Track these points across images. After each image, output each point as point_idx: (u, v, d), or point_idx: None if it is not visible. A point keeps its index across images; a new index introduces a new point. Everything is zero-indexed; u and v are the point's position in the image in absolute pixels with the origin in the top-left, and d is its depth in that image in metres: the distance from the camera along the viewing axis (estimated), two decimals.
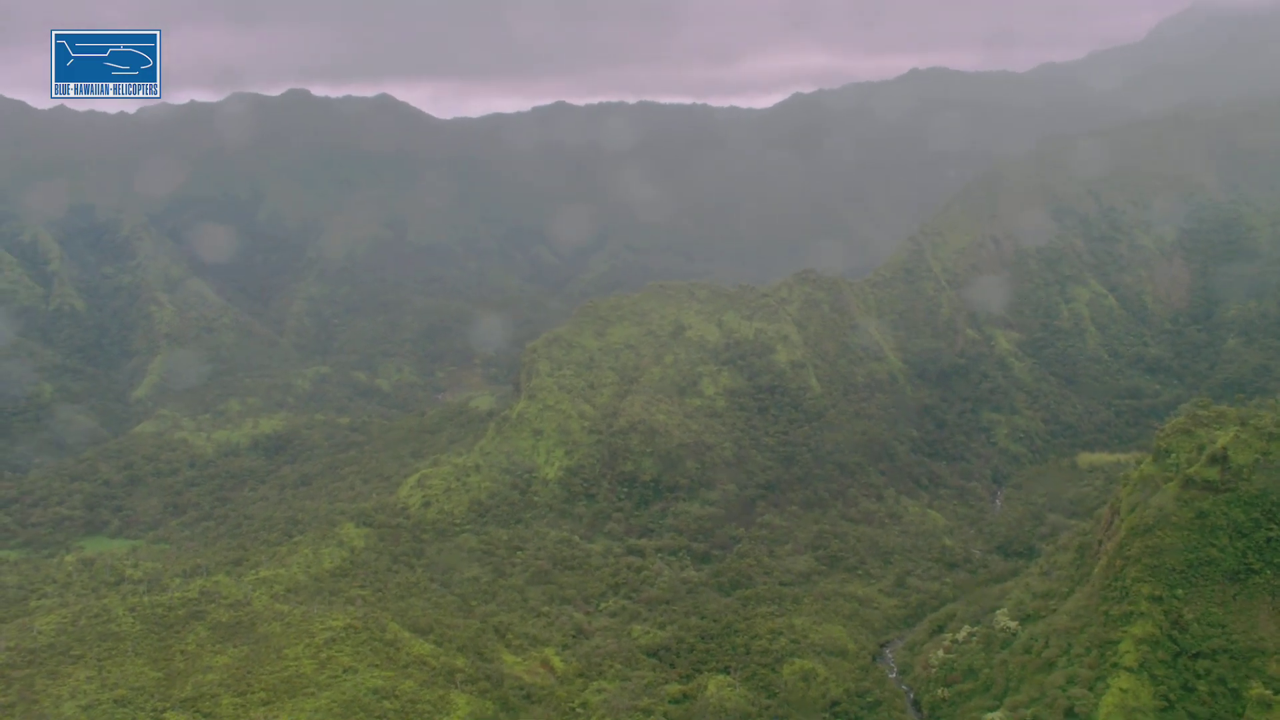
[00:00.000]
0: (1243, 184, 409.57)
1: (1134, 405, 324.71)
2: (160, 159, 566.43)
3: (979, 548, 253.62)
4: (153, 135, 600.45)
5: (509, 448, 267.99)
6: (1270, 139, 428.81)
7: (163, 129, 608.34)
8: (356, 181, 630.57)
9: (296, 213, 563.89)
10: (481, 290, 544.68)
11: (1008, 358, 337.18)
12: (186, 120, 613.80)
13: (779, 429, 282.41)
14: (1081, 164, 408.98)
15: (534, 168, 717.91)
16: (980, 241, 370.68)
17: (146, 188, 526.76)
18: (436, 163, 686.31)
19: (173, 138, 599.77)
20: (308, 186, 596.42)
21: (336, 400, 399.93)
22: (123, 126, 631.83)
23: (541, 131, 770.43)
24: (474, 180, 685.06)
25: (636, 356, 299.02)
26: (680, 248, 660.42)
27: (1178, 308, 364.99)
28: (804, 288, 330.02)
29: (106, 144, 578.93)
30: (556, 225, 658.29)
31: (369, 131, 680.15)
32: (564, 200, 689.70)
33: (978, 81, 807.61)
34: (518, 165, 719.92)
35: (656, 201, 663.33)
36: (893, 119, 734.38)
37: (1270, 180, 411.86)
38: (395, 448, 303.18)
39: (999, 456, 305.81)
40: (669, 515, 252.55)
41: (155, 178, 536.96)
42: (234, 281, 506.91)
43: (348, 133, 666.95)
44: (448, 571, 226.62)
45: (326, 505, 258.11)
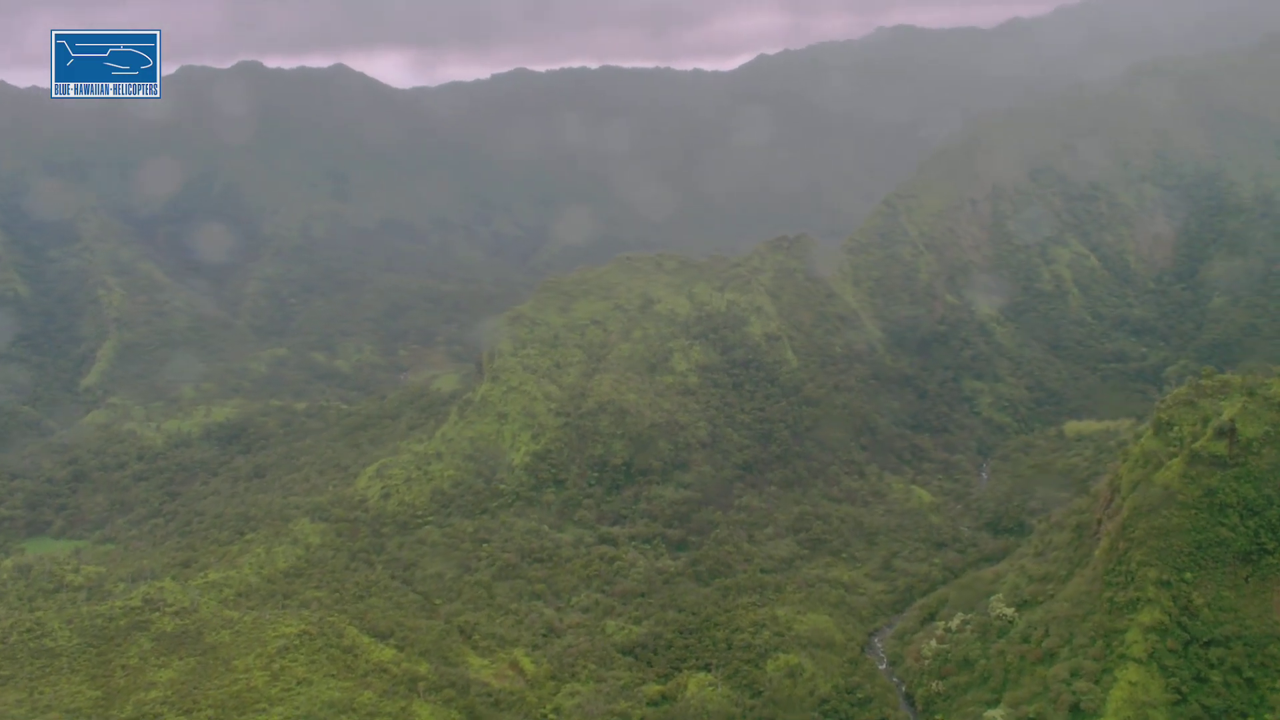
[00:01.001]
0: (1223, 137, 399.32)
1: (1120, 369, 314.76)
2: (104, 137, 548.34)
3: (967, 525, 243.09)
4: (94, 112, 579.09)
5: (472, 433, 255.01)
6: (1249, 90, 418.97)
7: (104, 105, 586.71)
8: (313, 155, 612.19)
9: (251, 189, 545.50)
10: (445, 265, 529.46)
11: (989, 323, 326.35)
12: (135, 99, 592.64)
13: (755, 405, 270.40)
14: (1057, 121, 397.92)
15: (496, 137, 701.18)
16: (957, 203, 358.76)
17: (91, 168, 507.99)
18: (396, 135, 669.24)
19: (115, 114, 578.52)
20: (262, 162, 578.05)
21: (294, 384, 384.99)
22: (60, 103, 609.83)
23: (502, 100, 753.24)
24: (434, 152, 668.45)
25: (604, 333, 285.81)
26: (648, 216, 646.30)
27: (1161, 266, 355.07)
28: (777, 256, 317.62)
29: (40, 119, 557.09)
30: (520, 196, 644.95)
31: (324, 104, 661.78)
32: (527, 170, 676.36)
33: (945, 39, 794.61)
34: (479, 135, 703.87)
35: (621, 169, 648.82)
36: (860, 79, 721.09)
37: (1250, 133, 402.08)
38: (353, 435, 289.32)
39: (983, 427, 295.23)
40: (642, 500, 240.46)
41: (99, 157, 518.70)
42: (187, 262, 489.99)
43: (302, 105, 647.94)
44: (409, 568, 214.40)
45: (281, 499, 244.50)
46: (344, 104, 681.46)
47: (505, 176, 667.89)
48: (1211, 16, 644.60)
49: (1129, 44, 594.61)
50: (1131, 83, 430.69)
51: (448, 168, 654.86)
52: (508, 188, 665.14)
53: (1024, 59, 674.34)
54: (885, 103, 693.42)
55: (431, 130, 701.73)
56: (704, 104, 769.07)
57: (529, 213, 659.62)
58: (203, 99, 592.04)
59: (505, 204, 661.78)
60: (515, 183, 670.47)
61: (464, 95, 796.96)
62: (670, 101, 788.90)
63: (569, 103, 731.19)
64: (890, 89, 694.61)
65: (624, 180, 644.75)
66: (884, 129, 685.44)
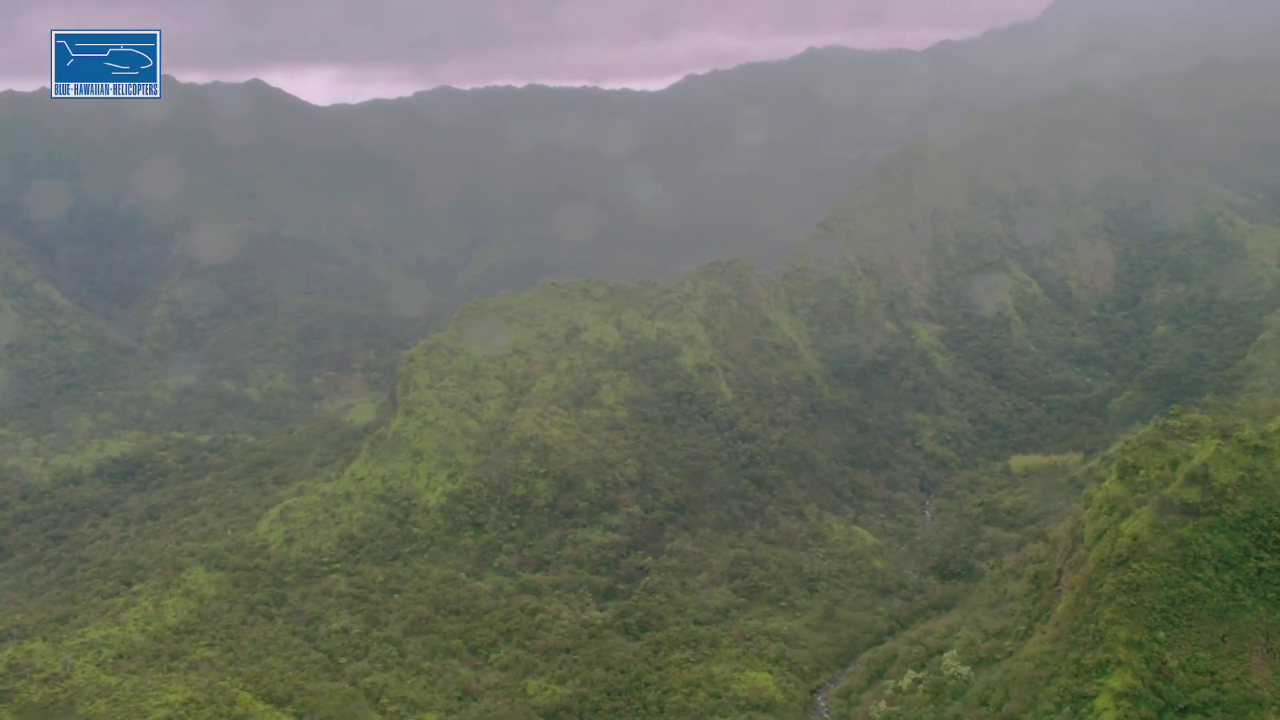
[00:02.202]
0: (1162, 162, 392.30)
1: (1065, 400, 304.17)
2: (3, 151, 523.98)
3: (912, 569, 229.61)
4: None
5: (384, 471, 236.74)
6: (1185, 114, 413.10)
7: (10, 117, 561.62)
8: (226, 174, 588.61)
9: (160, 207, 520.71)
10: (363, 287, 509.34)
11: (930, 352, 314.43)
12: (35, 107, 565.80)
13: (687, 441, 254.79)
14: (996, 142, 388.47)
15: (418, 157, 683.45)
16: (896, 228, 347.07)
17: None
18: (315, 153, 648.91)
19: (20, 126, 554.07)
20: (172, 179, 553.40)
21: (201, 413, 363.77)
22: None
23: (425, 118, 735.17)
24: (355, 171, 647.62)
25: (527, 363, 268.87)
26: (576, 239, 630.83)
27: (1103, 294, 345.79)
28: (710, 282, 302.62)
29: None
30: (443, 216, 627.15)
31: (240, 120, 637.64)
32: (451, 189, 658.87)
33: (877, 60, 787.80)
34: (401, 154, 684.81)
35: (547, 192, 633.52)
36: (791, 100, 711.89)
37: (1188, 157, 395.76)
38: (257, 472, 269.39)
39: (925, 462, 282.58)
40: (567, 545, 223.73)
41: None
42: (90, 284, 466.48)
43: (217, 122, 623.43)
44: (313, 622, 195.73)
45: (174, 545, 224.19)
46: (260, 120, 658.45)
47: (428, 196, 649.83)
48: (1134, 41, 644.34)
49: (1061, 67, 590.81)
50: (1069, 106, 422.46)
51: (368, 187, 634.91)
52: (431, 207, 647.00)
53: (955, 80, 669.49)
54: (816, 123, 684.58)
55: (352, 149, 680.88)
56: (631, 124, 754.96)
57: (453, 233, 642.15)
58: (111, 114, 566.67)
59: (428, 224, 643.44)
60: (439, 202, 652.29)
61: (387, 113, 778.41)
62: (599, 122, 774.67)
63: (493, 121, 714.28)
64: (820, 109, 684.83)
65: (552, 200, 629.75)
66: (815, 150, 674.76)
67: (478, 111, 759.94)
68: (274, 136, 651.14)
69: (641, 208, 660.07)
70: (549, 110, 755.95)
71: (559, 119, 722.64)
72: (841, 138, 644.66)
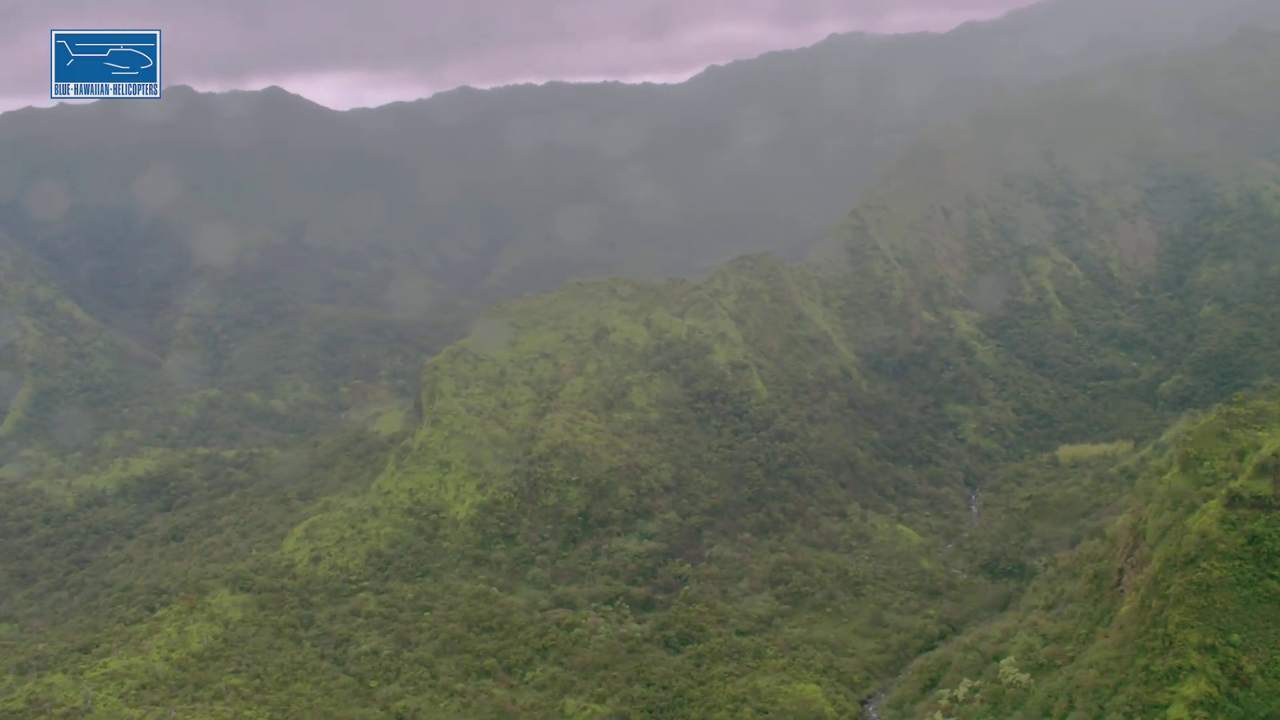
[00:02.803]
0: (1202, 136, 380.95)
1: (1111, 386, 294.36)
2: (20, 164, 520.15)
3: (961, 567, 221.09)
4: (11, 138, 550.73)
5: (411, 484, 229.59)
6: (1225, 86, 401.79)
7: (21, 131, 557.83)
8: (247, 183, 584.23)
9: (181, 219, 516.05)
10: (387, 293, 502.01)
11: (969, 341, 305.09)
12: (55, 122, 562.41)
13: (723, 442, 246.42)
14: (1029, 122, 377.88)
15: (440, 159, 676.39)
16: (929, 214, 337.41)
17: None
18: (334, 159, 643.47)
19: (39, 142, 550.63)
20: (192, 190, 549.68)
21: (226, 427, 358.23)
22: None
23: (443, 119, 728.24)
24: (375, 175, 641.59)
25: (554, 367, 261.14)
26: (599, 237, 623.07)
27: (1146, 274, 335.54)
28: (740, 276, 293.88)
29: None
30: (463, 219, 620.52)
31: (259, 129, 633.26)
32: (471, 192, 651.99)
33: (899, 44, 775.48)
34: (422, 157, 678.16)
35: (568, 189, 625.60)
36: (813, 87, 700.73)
37: (1229, 130, 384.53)
38: (282, 488, 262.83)
39: (969, 455, 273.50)
40: (602, 555, 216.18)
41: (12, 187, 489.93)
42: (112, 299, 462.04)
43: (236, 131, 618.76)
44: (341, 644, 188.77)
45: (198, 567, 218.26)
46: (278, 128, 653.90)
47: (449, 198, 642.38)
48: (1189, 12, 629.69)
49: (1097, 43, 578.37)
50: (1103, 81, 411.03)
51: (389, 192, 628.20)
52: (451, 210, 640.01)
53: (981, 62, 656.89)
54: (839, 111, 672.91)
55: (371, 153, 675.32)
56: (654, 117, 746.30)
57: (476, 235, 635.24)
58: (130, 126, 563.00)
59: (451, 227, 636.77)
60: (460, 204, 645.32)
61: (405, 116, 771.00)
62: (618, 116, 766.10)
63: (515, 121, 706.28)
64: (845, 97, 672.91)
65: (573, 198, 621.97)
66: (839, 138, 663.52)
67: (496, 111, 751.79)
68: (292, 144, 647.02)
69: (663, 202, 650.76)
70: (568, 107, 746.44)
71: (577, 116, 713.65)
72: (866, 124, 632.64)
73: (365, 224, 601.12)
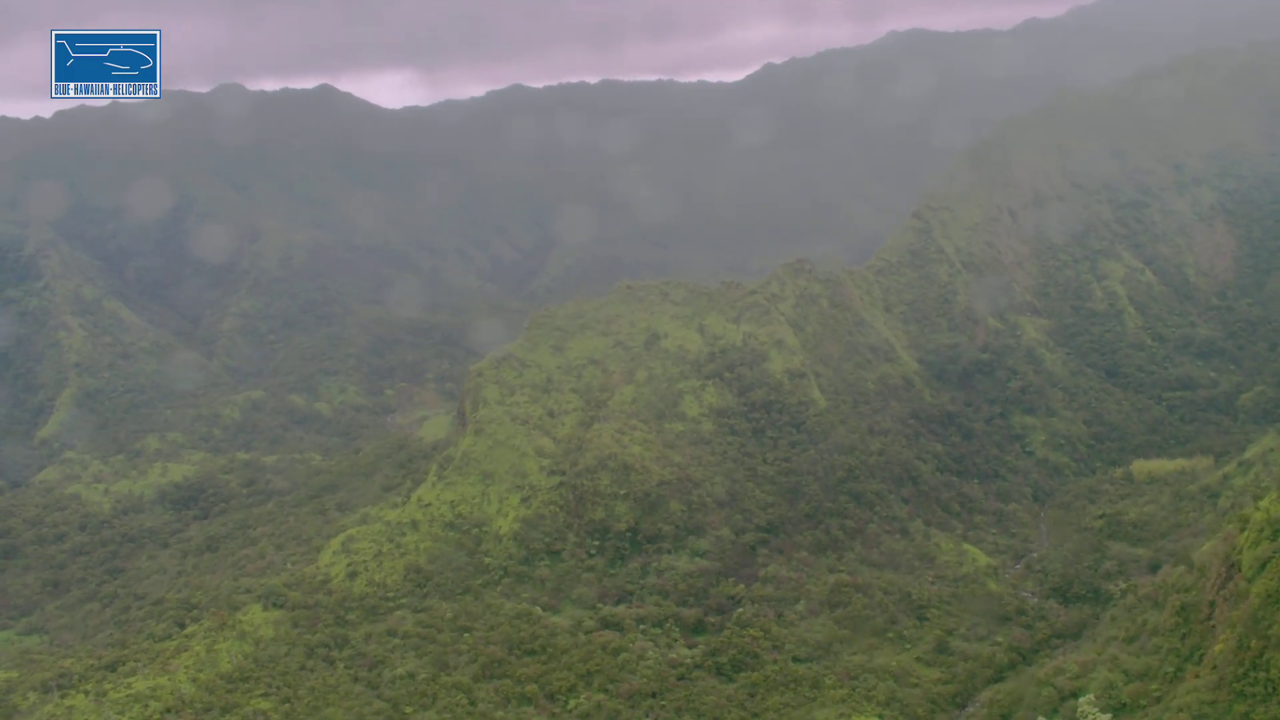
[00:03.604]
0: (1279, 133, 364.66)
1: (1188, 398, 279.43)
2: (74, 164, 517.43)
3: (1031, 591, 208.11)
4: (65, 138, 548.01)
5: (453, 495, 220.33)
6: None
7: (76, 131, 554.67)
8: (296, 182, 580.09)
9: (230, 219, 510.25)
10: (435, 294, 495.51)
11: (1038, 349, 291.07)
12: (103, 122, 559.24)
13: (779, 455, 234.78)
14: (1097, 121, 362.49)
15: (491, 156, 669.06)
16: (994, 215, 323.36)
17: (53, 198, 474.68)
18: (385, 157, 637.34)
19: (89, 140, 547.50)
20: (241, 190, 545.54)
21: (270, 430, 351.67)
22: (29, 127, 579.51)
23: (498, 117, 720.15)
24: (425, 174, 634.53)
25: (603, 374, 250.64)
26: (652, 236, 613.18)
27: (1224, 280, 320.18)
28: (798, 281, 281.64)
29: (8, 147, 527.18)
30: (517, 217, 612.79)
31: (309, 127, 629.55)
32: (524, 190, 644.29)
33: (960, 42, 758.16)
34: (473, 155, 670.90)
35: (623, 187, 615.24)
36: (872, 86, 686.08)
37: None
38: (320, 497, 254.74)
39: (1038, 469, 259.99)
40: (651, 573, 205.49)
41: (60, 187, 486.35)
42: (159, 298, 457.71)
43: (285, 129, 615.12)
44: (376, 666, 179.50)
45: (230, 581, 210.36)
46: (329, 126, 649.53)
47: (501, 197, 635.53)
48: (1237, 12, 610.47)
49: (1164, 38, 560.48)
50: (1174, 77, 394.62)
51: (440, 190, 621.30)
52: (504, 209, 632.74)
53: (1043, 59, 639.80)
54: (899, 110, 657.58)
55: (422, 151, 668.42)
56: (708, 115, 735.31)
57: (526, 234, 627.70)
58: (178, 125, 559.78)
59: (501, 226, 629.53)
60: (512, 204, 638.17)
61: (457, 114, 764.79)
62: (673, 113, 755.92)
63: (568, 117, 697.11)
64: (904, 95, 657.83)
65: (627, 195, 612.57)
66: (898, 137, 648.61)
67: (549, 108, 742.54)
68: (344, 142, 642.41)
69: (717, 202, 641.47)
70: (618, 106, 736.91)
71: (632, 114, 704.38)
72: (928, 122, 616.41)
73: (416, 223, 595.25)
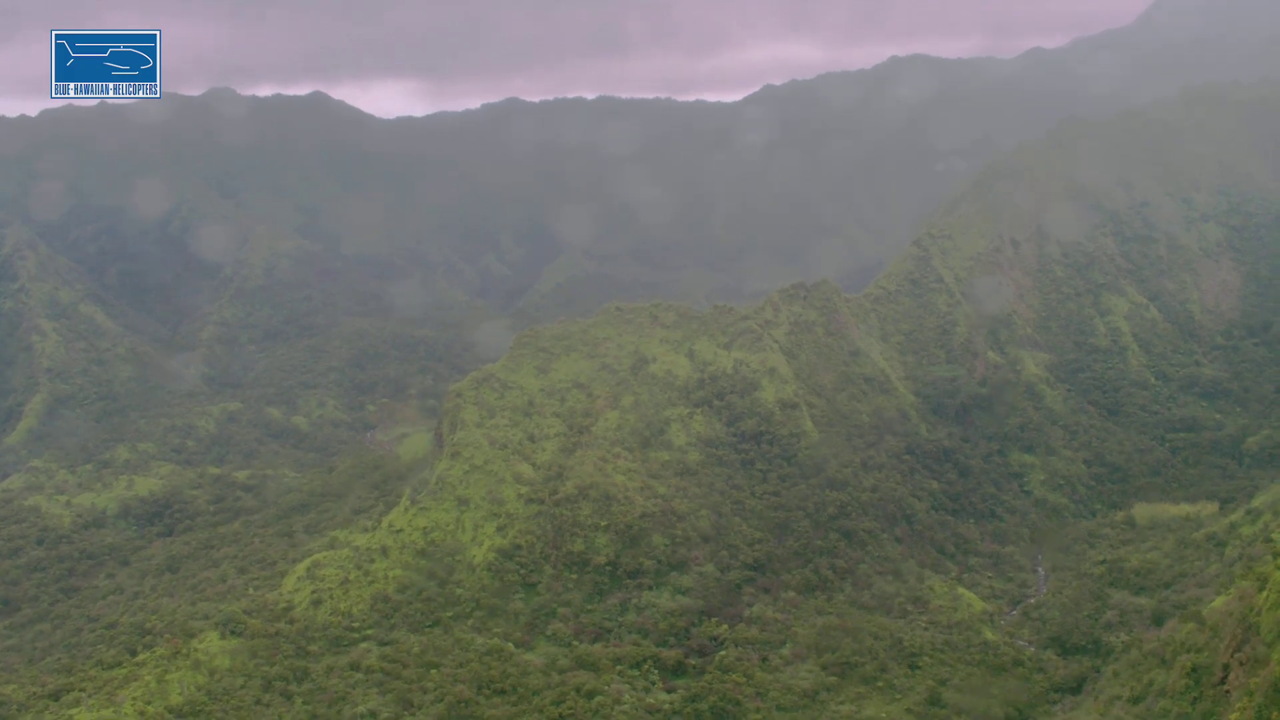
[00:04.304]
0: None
1: (1192, 439, 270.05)
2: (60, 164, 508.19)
3: (1028, 639, 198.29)
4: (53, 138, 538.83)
5: (425, 521, 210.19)
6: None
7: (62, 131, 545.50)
8: (285, 188, 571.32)
9: (217, 225, 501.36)
10: (422, 308, 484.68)
11: (1038, 384, 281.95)
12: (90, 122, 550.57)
13: (768, 488, 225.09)
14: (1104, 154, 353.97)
15: (484, 169, 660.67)
16: (997, 245, 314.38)
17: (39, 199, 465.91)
18: (376, 167, 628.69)
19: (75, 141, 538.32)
20: (229, 195, 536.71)
21: (245, 443, 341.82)
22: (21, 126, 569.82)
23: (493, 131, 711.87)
24: (418, 185, 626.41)
25: (588, 399, 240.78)
26: (646, 254, 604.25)
27: (1230, 318, 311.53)
28: (792, 306, 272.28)
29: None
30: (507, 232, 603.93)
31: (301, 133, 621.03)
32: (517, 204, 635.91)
33: (963, 69, 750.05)
34: (466, 167, 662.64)
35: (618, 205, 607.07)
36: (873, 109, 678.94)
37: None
38: (289, 518, 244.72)
39: (1035, 510, 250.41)
40: (630, 610, 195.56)
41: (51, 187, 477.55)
42: (140, 303, 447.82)
43: (275, 135, 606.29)
44: (336, 703, 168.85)
45: (188, 605, 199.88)
46: (320, 134, 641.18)
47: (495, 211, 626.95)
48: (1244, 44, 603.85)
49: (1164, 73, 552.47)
50: (1182, 110, 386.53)
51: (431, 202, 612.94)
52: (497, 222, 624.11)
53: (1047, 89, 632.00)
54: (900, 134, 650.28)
55: (415, 162, 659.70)
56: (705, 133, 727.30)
57: (519, 249, 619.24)
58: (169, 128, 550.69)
59: (494, 240, 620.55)
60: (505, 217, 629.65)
61: (452, 125, 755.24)
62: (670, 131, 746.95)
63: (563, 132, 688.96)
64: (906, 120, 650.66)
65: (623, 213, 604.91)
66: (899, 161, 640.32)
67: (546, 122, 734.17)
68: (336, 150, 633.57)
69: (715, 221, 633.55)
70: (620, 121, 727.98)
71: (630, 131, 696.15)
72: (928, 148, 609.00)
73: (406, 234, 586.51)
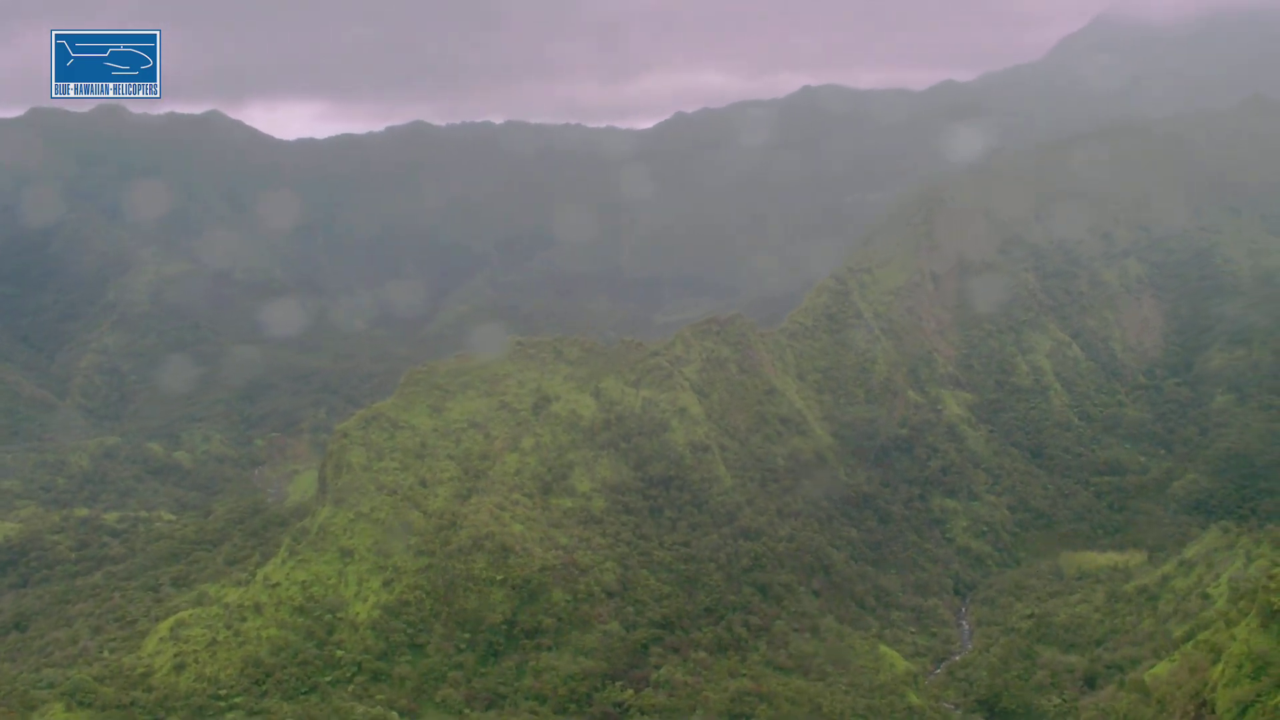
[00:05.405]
0: (1208, 208, 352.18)
1: (1117, 483, 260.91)
2: None
3: (954, 701, 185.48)
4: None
5: (305, 575, 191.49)
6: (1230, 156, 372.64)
7: None
8: (176, 210, 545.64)
9: (99, 247, 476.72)
10: (318, 337, 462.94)
11: (960, 425, 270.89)
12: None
13: (678, 538, 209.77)
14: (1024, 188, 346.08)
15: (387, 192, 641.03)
16: (916, 279, 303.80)
17: None
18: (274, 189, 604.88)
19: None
20: (115, 218, 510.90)
21: (121, 481, 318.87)
22: None
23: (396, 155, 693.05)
24: (316, 209, 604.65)
25: (485, 440, 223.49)
26: (553, 284, 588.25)
27: (1152, 357, 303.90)
28: (705, 342, 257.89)
29: None
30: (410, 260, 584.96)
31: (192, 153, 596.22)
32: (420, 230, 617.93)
33: (875, 99, 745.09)
34: (368, 190, 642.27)
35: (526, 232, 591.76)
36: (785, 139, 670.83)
37: (1237, 204, 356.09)
38: (157, 568, 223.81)
39: (959, 559, 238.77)
40: (528, 673, 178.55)
41: None
42: (12, 329, 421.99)
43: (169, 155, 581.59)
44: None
45: (31, 672, 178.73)
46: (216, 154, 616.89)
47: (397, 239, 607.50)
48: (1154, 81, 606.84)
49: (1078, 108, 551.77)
50: (1099, 147, 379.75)
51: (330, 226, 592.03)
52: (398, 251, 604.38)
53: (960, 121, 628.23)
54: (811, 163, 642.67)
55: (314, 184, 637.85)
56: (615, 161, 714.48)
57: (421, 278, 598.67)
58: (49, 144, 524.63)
59: (395, 268, 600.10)
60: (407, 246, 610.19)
61: (354, 148, 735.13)
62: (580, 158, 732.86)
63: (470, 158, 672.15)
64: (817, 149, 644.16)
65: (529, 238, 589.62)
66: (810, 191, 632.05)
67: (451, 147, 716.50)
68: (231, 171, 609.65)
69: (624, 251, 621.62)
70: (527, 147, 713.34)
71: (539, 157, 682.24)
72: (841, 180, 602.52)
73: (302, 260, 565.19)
